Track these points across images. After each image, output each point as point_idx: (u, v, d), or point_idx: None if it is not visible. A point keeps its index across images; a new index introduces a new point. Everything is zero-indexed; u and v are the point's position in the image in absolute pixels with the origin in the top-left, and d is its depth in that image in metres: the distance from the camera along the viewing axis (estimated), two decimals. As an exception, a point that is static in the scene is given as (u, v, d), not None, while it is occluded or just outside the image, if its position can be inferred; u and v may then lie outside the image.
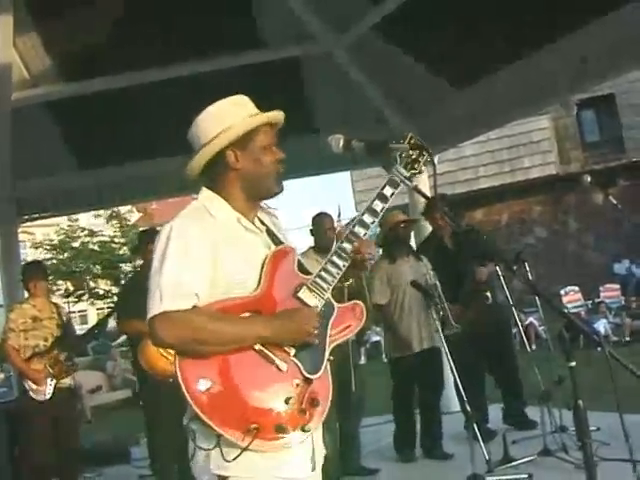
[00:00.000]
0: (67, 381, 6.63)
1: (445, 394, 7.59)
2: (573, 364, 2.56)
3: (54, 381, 6.43)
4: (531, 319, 14.18)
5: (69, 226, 25.42)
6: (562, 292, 17.63)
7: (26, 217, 9.65)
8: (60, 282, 24.86)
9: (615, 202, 6.18)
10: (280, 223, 2.90)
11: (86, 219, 24.69)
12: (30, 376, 6.41)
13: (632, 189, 21.81)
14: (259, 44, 7.60)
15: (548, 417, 6.33)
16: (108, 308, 21.86)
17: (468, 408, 5.98)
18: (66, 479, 6.74)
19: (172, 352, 2.48)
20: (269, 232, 2.72)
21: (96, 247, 25.51)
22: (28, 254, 23.07)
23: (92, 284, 26.29)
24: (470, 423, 5.87)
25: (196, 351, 2.38)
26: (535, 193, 22.50)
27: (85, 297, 26.85)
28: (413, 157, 2.72)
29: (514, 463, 6.00)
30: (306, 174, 10.01)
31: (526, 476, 5.76)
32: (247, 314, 2.49)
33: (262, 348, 2.44)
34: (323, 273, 2.63)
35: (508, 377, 7.45)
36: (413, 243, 7.96)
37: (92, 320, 32.47)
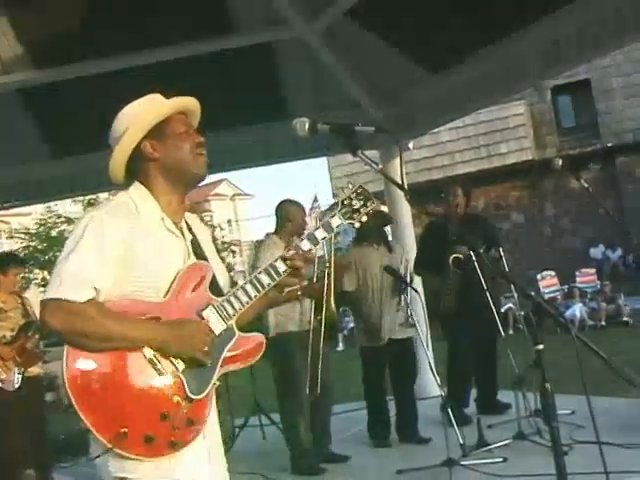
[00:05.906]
0: (36, 369, 6.57)
1: (422, 378, 7.60)
2: (541, 347, 2.55)
3: (22, 370, 6.34)
4: (510, 304, 14.20)
5: (46, 214, 25.13)
6: (539, 277, 17.76)
7: (-1, 206, 9.56)
8: (37, 271, 24.64)
9: (587, 186, 6.18)
10: (209, 235, 2.93)
11: (63, 207, 24.40)
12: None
13: (605, 173, 21.99)
14: (231, 30, 7.53)
15: (522, 401, 6.36)
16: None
17: (443, 393, 6.01)
18: (39, 467, 6.68)
19: None
20: (194, 242, 2.71)
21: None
22: (4, 243, 22.83)
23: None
24: (445, 407, 5.90)
25: (81, 343, 2.37)
26: (511, 179, 22.62)
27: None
28: (355, 207, 2.76)
29: (489, 447, 6.03)
30: (281, 160, 9.97)
31: (501, 460, 5.79)
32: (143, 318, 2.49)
33: (153, 357, 2.43)
34: (232, 299, 2.62)
35: (486, 363, 7.42)
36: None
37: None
